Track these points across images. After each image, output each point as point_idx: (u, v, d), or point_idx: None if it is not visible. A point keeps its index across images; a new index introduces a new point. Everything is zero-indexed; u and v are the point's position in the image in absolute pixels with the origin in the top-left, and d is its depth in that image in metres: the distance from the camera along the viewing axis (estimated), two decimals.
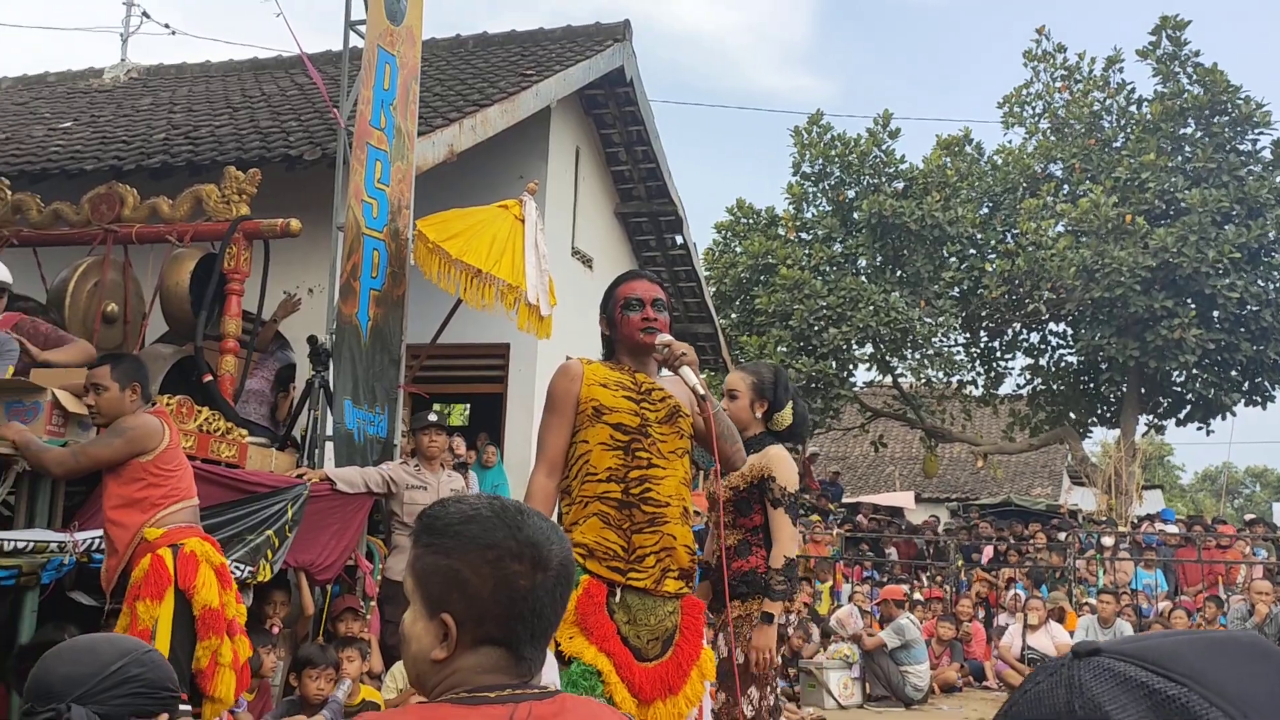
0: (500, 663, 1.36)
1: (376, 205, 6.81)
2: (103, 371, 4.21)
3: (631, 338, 3.29)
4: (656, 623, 3.12)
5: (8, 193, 7.21)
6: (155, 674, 1.85)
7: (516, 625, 1.35)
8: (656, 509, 3.12)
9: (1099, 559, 12.80)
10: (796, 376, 16.05)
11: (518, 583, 1.35)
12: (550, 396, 3.25)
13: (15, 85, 12.95)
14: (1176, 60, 16.71)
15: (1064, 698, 0.67)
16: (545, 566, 1.36)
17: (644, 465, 3.14)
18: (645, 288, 3.34)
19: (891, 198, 16.79)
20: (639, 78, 11.12)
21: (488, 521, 1.37)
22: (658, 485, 3.14)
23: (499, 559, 1.35)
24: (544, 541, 1.38)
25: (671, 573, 3.16)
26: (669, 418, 3.24)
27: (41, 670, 1.82)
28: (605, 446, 3.15)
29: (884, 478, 25.41)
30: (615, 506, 3.11)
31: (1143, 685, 0.65)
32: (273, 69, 12.02)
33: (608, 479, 3.13)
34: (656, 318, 3.29)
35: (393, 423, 6.95)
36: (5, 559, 4.00)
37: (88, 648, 1.88)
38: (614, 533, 3.09)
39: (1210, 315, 15.75)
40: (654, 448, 3.17)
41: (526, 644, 1.36)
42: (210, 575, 4.08)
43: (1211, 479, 46.09)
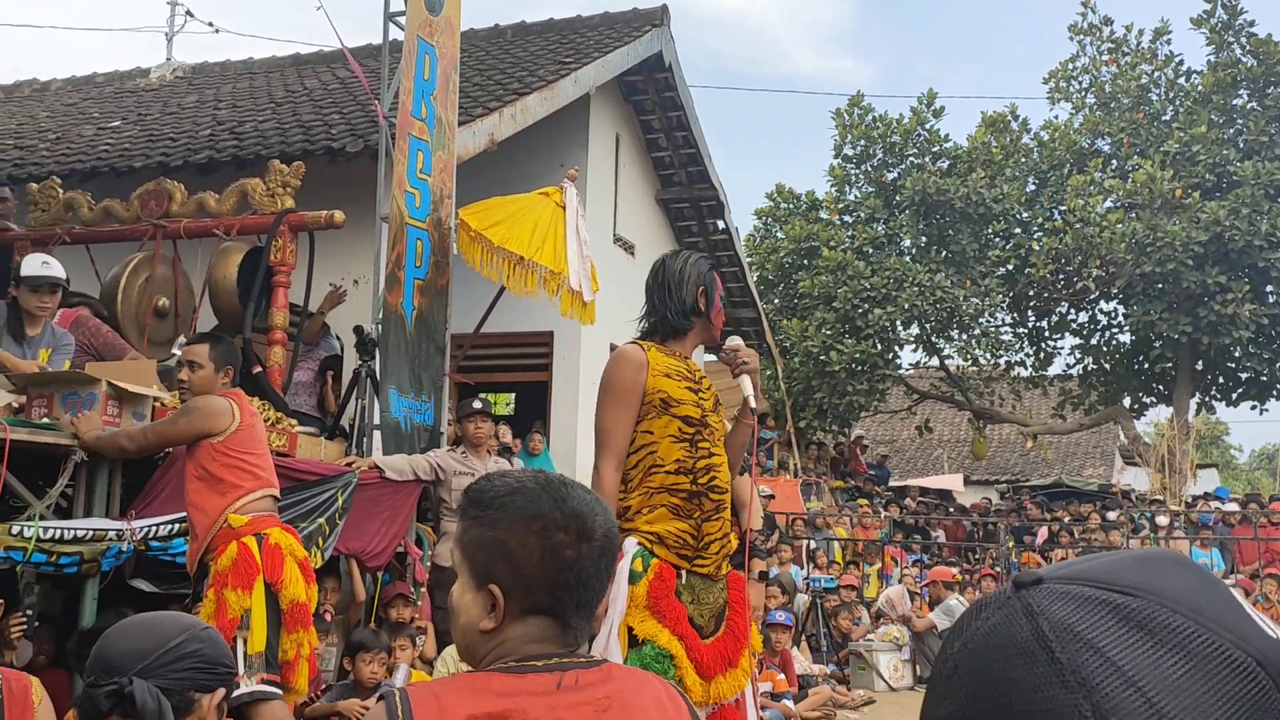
0: (547, 632, 1.38)
1: (419, 195, 6.86)
2: (201, 350, 4.28)
3: (713, 336, 3.35)
4: (713, 601, 3.18)
5: (60, 191, 7.35)
6: (214, 650, 1.88)
7: (563, 595, 1.37)
8: (720, 497, 3.16)
9: (1153, 538, 12.62)
10: (840, 359, 15.96)
11: (563, 553, 1.37)
12: (615, 386, 3.15)
13: (65, 86, 13.19)
14: (1231, 30, 16.36)
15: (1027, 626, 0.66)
16: (590, 537, 1.38)
17: (706, 455, 3.15)
18: (719, 285, 3.39)
19: (936, 176, 16.61)
20: (678, 63, 11.09)
21: (532, 493, 1.40)
22: (719, 474, 3.18)
23: (544, 529, 1.37)
24: (588, 513, 1.40)
25: (729, 558, 3.25)
26: (715, 406, 3.27)
27: (103, 646, 1.86)
28: (674, 439, 3.13)
29: (932, 460, 25.21)
30: (685, 498, 3.12)
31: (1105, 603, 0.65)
32: (314, 63, 12.14)
33: (677, 471, 3.12)
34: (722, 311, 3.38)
35: (439, 411, 7.00)
36: (67, 546, 4.09)
37: (149, 624, 1.91)
38: (684, 522, 3.11)
39: (1264, 290, 15.44)
40: (712, 437, 3.19)
41: (572, 613, 1.38)
42: (295, 569, 4.11)
43: (1269, 458, 45.22)
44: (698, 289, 3.27)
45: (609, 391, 3.15)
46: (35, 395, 4.62)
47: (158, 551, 4.46)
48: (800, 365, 16.50)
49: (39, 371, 4.93)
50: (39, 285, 5.23)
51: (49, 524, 4.12)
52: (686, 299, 3.26)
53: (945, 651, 0.71)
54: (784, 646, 7.87)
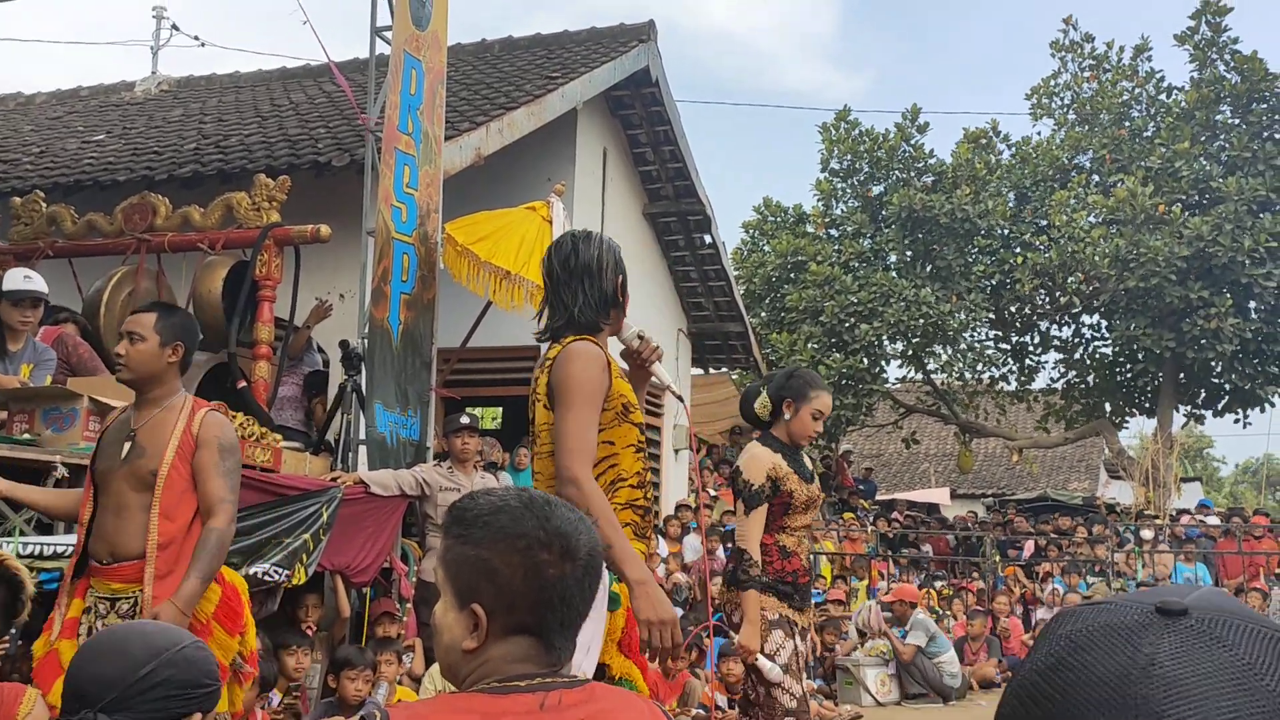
0: (530, 652, 1.37)
1: (405, 210, 6.85)
2: (146, 320, 3.51)
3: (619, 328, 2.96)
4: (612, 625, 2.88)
5: (43, 205, 7.31)
6: (187, 673, 1.80)
7: (546, 613, 1.36)
8: (655, 516, 3.03)
9: (1137, 552, 12.66)
10: (828, 373, 16.00)
11: (547, 571, 1.36)
12: (584, 385, 2.74)
13: (49, 100, 13.15)
14: (1214, 47, 16.51)
15: (1219, 654, 0.66)
16: (574, 556, 1.38)
17: (650, 468, 3.01)
18: None
19: (921, 192, 16.69)
20: (664, 78, 11.12)
21: (516, 512, 1.39)
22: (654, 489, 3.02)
23: (528, 548, 1.36)
24: (572, 532, 1.39)
25: None
26: None
27: (73, 669, 1.80)
28: (634, 449, 2.84)
29: (918, 474, 25.26)
30: (642, 514, 2.85)
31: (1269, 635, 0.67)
32: (300, 77, 12.13)
33: (638, 485, 2.83)
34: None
35: (425, 426, 6.98)
36: (48, 562, 4.05)
37: (119, 646, 1.82)
38: (641, 544, 2.82)
39: (1246, 305, 15.54)
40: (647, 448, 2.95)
41: (556, 632, 1.37)
42: (249, 615, 3.66)
43: (1252, 471, 45.46)
44: (616, 276, 2.91)
45: (579, 394, 2.73)
46: (16, 411, 4.59)
47: None
48: None
49: (20, 387, 4.90)
50: (20, 299, 5.20)
51: (29, 540, 4.07)
52: (606, 288, 2.88)
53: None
54: None
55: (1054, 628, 0.75)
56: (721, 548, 10.77)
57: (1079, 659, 0.70)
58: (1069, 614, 0.75)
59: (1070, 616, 0.74)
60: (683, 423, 13.14)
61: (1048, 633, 0.75)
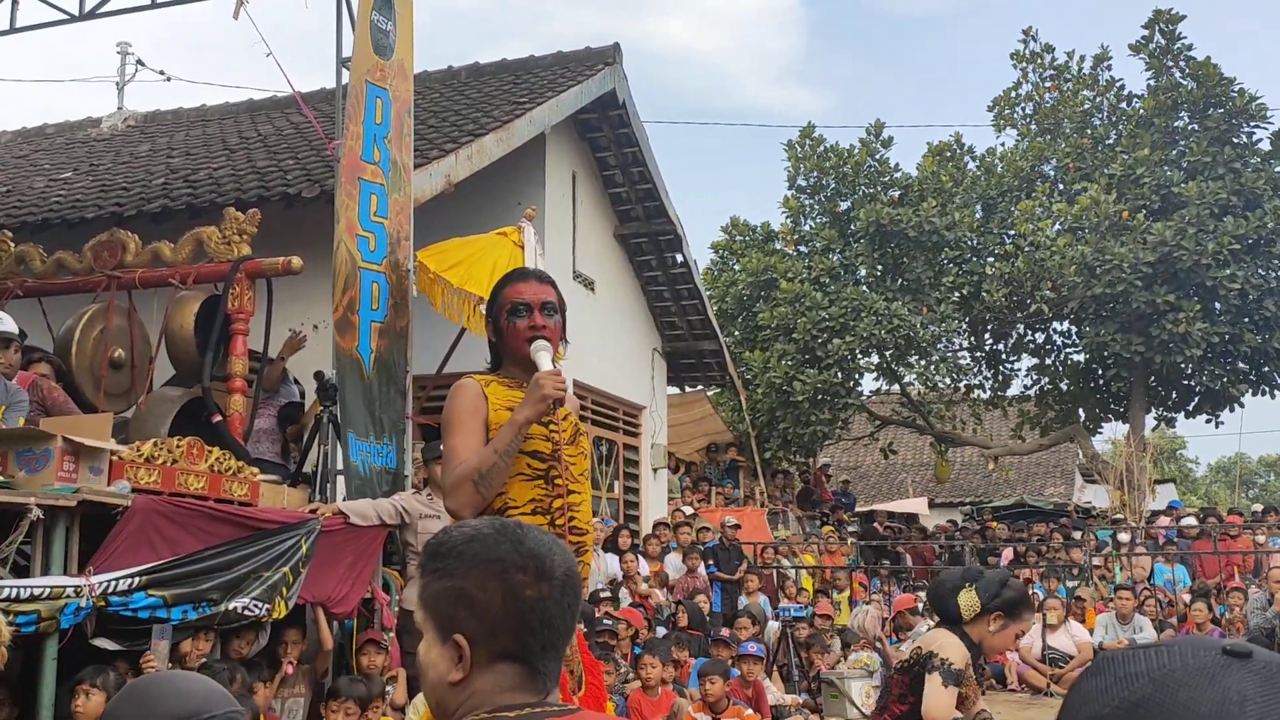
0: (516, 679, 1.37)
1: (374, 238, 6.85)
2: None
3: (518, 350, 2.96)
4: (570, 652, 2.85)
5: (11, 244, 7.27)
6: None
7: (527, 637, 1.37)
8: (580, 538, 2.89)
9: (1115, 555, 12.76)
10: (803, 389, 16.08)
11: (524, 593, 1.37)
12: (456, 414, 2.88)
13: (15, 138, 13.08)
14: (1169, 55, 16.78)
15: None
16: (549, 576, 1.38)
17: (564, 493, 2.87)
18: (534, 290, 2.99)
19: (888, 206, 16.85)
20: (631, 100, 11.20)
21: (489, 538, 1.41)
22: (578, 512, 2.90)
23: (504, 571, 1.37)
24: (546, 553, 1.40)
25: None
26: (573, 438, 2.98)
27: (110, 712, 1.73)
28: (524, 477, 2.86)
29: (896, 485, 25.36)
30: None
31: None
32: (268, 109, 12.12)
33: (533, 512, 2.83)
34: (545, 324, 2.96)
35: (401, 453, 6.97)
36: (24, 605, 4.02)
37: (153, 700, 1.71)
38: None
39: (1213, 307, 15.75)
40: (566, 473, 2.89)
41: (539, 656, 1.38)
42: None
43: (1225, 470, 45.91)
44: (500, 307, 3.00)
45: (451, 421, 2.88)
46: None
47: (118, 607, 4.39)
48: (764, 397, 16.59)
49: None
50: None
51: (5, 583, 4.05)
52: (495, 318, 3.00)
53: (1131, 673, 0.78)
54: (756, 677, 7.86)
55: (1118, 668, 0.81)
56: (702, 566, 10.79)
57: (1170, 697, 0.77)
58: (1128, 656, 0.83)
59: (1133, 658, 0.82)
60: (661, 441, 13.16)
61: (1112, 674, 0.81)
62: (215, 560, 4.82)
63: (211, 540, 4.90)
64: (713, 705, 7.10)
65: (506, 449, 2.79)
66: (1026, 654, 10.19)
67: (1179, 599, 11.46)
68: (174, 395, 6.65)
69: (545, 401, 2.82)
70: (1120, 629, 10.10)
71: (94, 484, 4.59)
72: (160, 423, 6.25)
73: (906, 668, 3.50)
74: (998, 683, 10.24)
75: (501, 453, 2.79)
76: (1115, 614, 10.23)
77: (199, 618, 4.75)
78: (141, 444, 5.06)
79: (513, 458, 2.83)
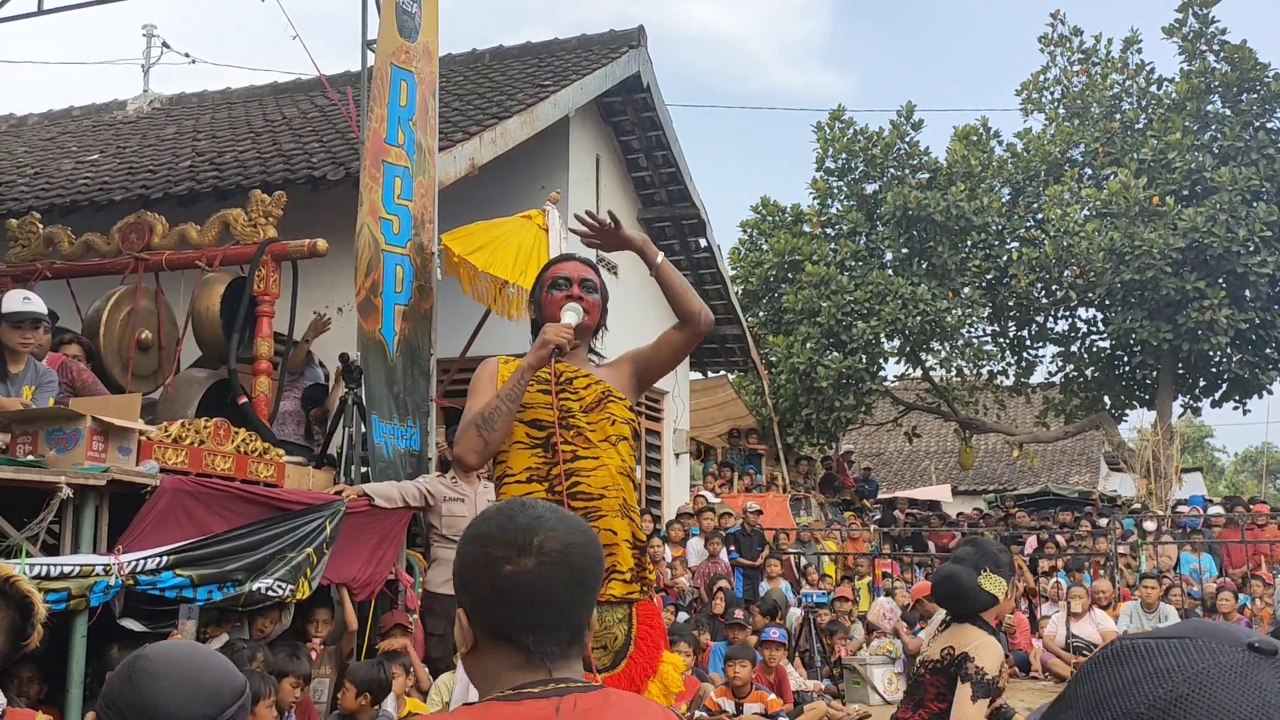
0: (516, 659, 1.37)
1: (398, 221, 6.85)
2: None
3: (553, 317, 3.06)
4: (602, 630, 2.87)
5: (40, 226, 7.32)
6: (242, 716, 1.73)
7: (511, 614, 1.36)
8: (587, 503, 2.88)
9: (1140, 544, 12.67)
10: (826, 374, 16.02)
11: (502, 569, 1.36)
12: (474, 385, 3.05)
13: (42, 121, 13.16)
14: (1203, 38, 16.55)
15: None
16: (527, 551, 1.37)
17: (568, 459, 2.90)
18: (574, 268, 3.13)
19: (916, 190, 16.72)
20: (655, 83, 11.15)
21: (488, 516, 1.43)
22: (587, 478, 2.91)
23: (485, 545, 1.39)
24: (533, 529, 1.38)
25: (619, 575, 2.90)
26: (597, 403, 3.00)
27: (148, 696, 1.65)
28: (522, 445, 2.95)
29: (919, 472, 25.27)
30: None
31: None
32: (293, 92, 12.14)
33: (528, 479, 2.92)
34: (583, 297, 3.08)
35: (425, 436, 6.99)
36: (54, 583, 4.05)
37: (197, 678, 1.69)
38: None
39: (1242, 295, 15.57)
40: (578, 439, 2.93)
41: (528, 635, 1.36)
42: None
43: (1252, 460, 45.50)
44: (542, 284, 3.16)
45: (469, 393, 3.07)
46: (19, 433, 4.59)
47: (146, 586, 4.43)
48: (787, 381, 16.54)
49: (23, 409, 4.90)
50: (20, 321, 5.20)
51: (35, 561, 4.08)
52: (537, 295, 3.19)
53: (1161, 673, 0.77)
54: (778, 663, 7.86)
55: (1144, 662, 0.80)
56: (724, 551, 10.78)
57: (1209, 696, 0.76)
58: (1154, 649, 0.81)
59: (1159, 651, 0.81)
60: (683, 426, 13.15)
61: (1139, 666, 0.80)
62: (241, 541, 4.85)
63: (238, 521, 4.93)
64: (737, 690, 7.11)
65: (509, 394, 2.92)
66: (1050, 642, 10.14)
67: (1205, 589, 11.37)
68: (201, 377, 6.69)
69: (546, 347, 2.93)
70: (1145, 618, 10.03)
71: (123, 464, 4.62)
72: (187, 404, 6.30)
73: (941, 668, 3.39)
74: (1021, 671, 10.20)
75: (504, 396, 2.92)
76: (1140, 603, 10.16)
77: (224, 598, 4.78)
78: (169, 425, 5.10)
79: (516, 403, 2.92)
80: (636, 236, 3.16)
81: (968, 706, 3.26)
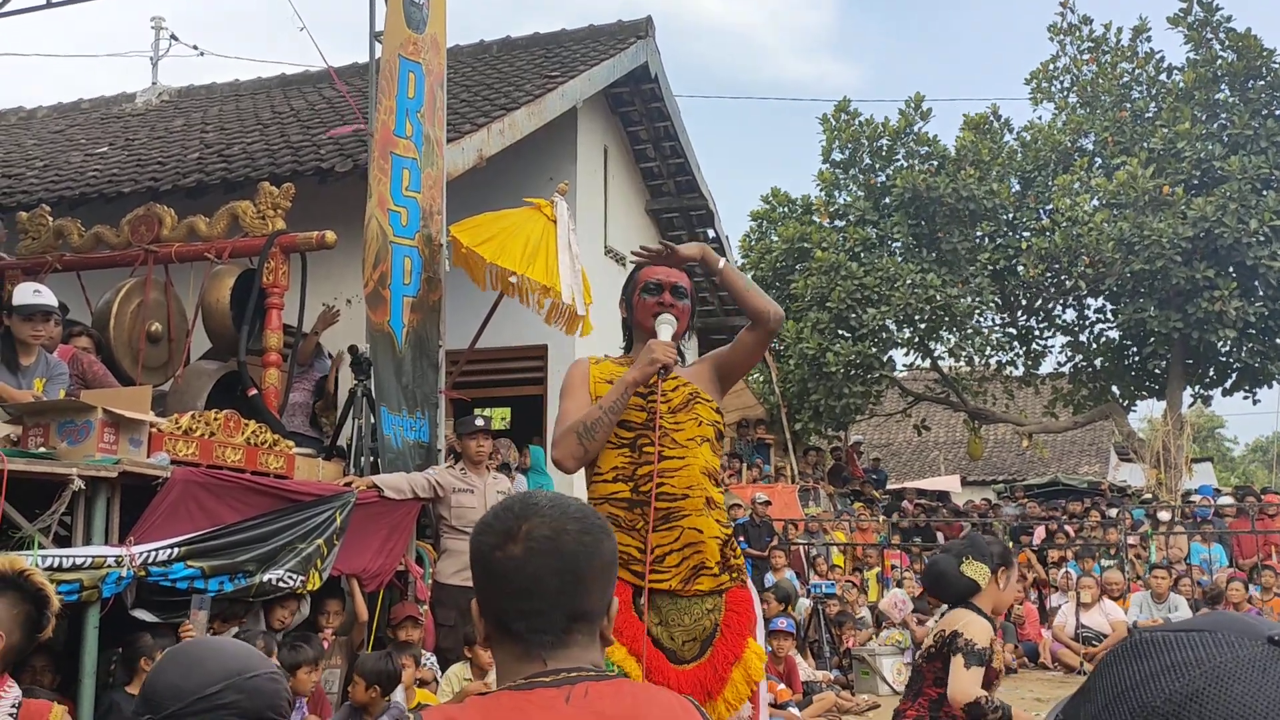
0: (516, 649, 1.38)
1: (406, 213, 6.85)
2: None
3: (644, 323, 3.17)
4: (692, 623, 2.95)
5: (49, 219, 7.34)
6: (254, 701, 1.75)
7: (504, 602, 1.37)
8: (671, 504, 2.96)
9: (1150, 535, 12.65)
10: (836, 360, 16.00)
11: (493, 555, 1.37)
12: (567, 383, 3.18)
13: (51, 113, 13.19)
14: (1208, 27, 16.46)
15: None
16: (516, 538, 1.37)
17: (654, 460, 2.98)
18: (666, 272, 3.19)
19: (925, 174, 16.68)
20: (663, 74, 11.13)
21: (494, 507, 1.45)
22: (671, 478, 2.98)
23: (480, 534, 1.41)
24: (524, 516, 1.38)
25: (708, 570, 2.98)
26: (684, 405, 3.08)
27: (155, 673, 1.79)
28: (611, 445, 3.02)
29: (928, 462, 25.24)
30: (624, 507, 2.97)
31: None
32: (300, 84, 12.15)
33: (614, 479, 3.01)
34: (674, 304, 3.15)
35: (434, 427, 7.00)
36: (66, 574, 4.07)
37: (197, 660, 1.78)
38: (627, 535, 2.93)
39: (1252, 284, 15.51)
40: (665, 440, 3.01)
41: (520, 621, 1.36)
42: None
43: (1263, 450, 45.35)
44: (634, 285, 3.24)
45: (562, 391, 3.20)
46: (31, 425, 4.61)
47: (158, 577, 4.45)
48: (795, 368, 16.52)
49: (34, 401, 4.92)
50: (31, 313, 5.22)
51: (47, 552, 4.10)
52: (629, 296, 3.27)
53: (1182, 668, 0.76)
54: (787, 654, 7.87)
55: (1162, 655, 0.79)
56: None
57: (1226, 691, 0.75)
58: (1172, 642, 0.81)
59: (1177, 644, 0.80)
60: None
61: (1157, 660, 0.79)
62: (252, 532, 4.87)
63: (248, 512, 4.95)
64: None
65: (612, 406, 3.01)
66: (1060, 632, 10.14)
67: (1215, 578, 11.34)
68: (210, 369, 6.71)
69: (654, 365, 3.01)
70: (1155, 608, 10.02)
71: (134, 455, 4.64)
72: (197, 396, 6.32)
73: (936, 652, 3.50)
74: (1031, 661, 10.21)
75: (607, 409, 3.01)
76: (1150, 593, 10.15)
77: (235, 589, 4.80)
78: (180, 416, 5.11)
79: (618, 415, 3.02)
80: (695, 251, 3.22)
81: (961, 674, 3.37)
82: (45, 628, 2.82)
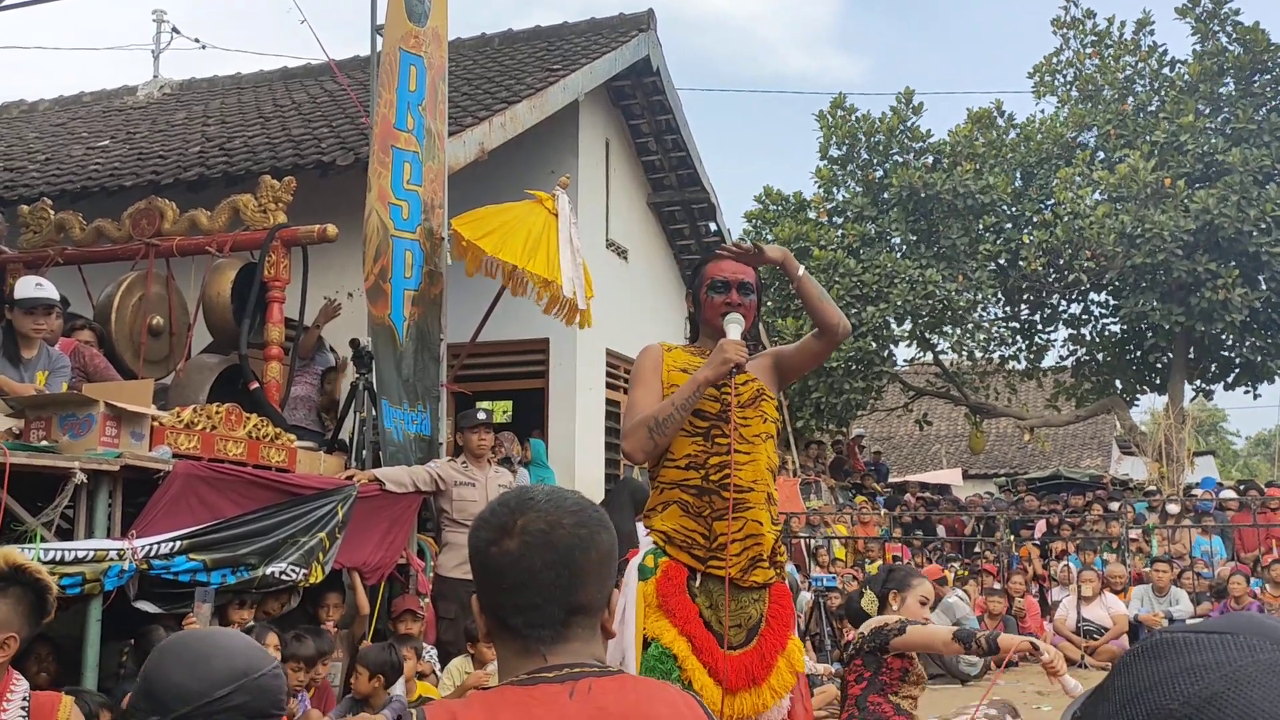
0: (515, 644, 1.38)
1: (407, 206, 6.85)
2: None
3: (712, 321, 3.24)
4: (739, 609, 3.04)
5: (51, 212, 7.34)
6: (259, 701, 1.74)
7: (500, 597, 1.37)
8: (738, 495, 3.04)
9: (1151, 528, 12.65)
10: (836, 356, 15.99)
11: (489, 550, 1.38)
12: (638, 372, 3.22)
13: (53, 107, 13.18)
14: (1216, 19, 16.43)
15: None
16: (509, 532, 1.37)
17: (724, 451, 3.06)
18: (733, 269, 3.25)
19: (921, 171, 16.65)
20: (665, 67, 11.10)
21: (492, 501, 1.45)
22: (739, 470, 3.06)
23: (476, 530, 1.41)
24: (519, 510, 1.39)
25: (761, 563, 3.09)
26: (752, 401, 3.17)
27: (152, 669, 1.75)
28: (685, 433, 3.10)
29: (930, 456, 25.24)
30: (695, 494, 3.07)
31: None
32: (302, 77, 12.13)
33: (687, 466, 3.09)
34: (740, 301, 3.22)
35: (435, 421, 7.00)
36: (69, 567, 4.08)
37: (202, 658, 1.75)
38: (693, 520, 3.05)
39: (1255, 277, 15.49)
40: (735, 433, 3.09)
41: (517, 616, 1.36)
42: None
43: (1265, 444, 45.33)
44: (701, 281, 3.30)
45: (632, 379, 3.24)
46: (33, 418, 4.61)
47: (160, 570, 4.45)
48: None
49: (36, 394, 4.93)
50: (33, 307, 5.23)
51: (50, 546, 4.11)
52: (696, 291, 3.33)
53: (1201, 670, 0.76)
54: None
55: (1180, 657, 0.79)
56: None
57: (1244, 695, 0.74)
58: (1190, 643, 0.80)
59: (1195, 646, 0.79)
60: None
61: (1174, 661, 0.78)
62: (254, 525, 4.88)
63: (250, 505, 4.95)
64: None
65: (684, 403, 3.06)
66: (1061, 626, 10.15)
67: (1218, 572, 11.34)
68: (212, 362, 6.71)
69: (726, 365, 3.05)
70: (1156, 602, 10.03)
71: (136, 449, 4.64)
72: (199, 389, 6.32)
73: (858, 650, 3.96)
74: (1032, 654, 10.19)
75: (679, 406, 3.06)
76: (1152, 586, 10.15)
77: (237, 582, 4.81)
78: (181, 410, 5.12)
79: (688, 412, 3.07)
80: (778, 255, 3.27)
81: (922, 632, 3.88)
82: (48, 615, 2.84)
